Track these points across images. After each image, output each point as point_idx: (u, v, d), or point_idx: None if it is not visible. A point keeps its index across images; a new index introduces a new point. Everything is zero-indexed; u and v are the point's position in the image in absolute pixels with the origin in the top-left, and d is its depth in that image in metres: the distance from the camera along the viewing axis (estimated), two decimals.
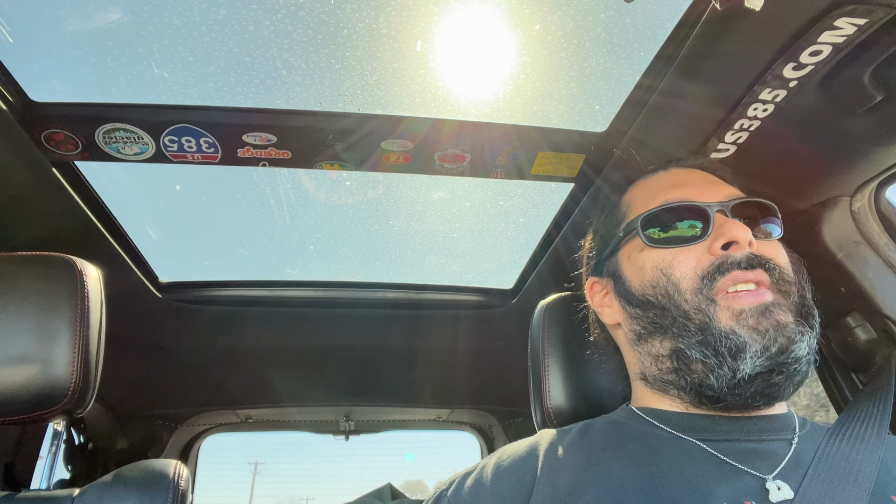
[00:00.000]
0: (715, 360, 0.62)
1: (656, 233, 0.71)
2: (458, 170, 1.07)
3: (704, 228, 0.69)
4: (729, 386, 0.62)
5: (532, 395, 0.93)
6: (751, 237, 0.67)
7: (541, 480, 0.65)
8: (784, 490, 0.58)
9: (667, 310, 0.67)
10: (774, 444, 0.64)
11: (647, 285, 0.70)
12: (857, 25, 0.66)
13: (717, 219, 0.69)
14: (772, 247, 0.70)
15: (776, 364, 0.61)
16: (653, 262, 0.70)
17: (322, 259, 1.65)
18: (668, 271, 0.68)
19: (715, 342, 0.62)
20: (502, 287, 1.66)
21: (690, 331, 0.65)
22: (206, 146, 0.98)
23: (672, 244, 0.70)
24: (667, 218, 0.71)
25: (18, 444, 1.38)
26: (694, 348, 0.64)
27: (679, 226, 0.70)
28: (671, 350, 0.68)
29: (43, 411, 0.80)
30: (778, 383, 0.62)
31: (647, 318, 0.70)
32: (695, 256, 0.68)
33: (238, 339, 1.72)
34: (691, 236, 0.69)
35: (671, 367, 0.68)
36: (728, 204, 0.70)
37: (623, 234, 0.76)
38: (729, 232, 0.66)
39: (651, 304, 0.69)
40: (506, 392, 2.06)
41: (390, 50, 0.96)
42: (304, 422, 2.34)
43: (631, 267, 0.74)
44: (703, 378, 0.64)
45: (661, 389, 0.70)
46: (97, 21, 0.93)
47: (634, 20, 0.90)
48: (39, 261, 0.85)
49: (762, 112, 0.81)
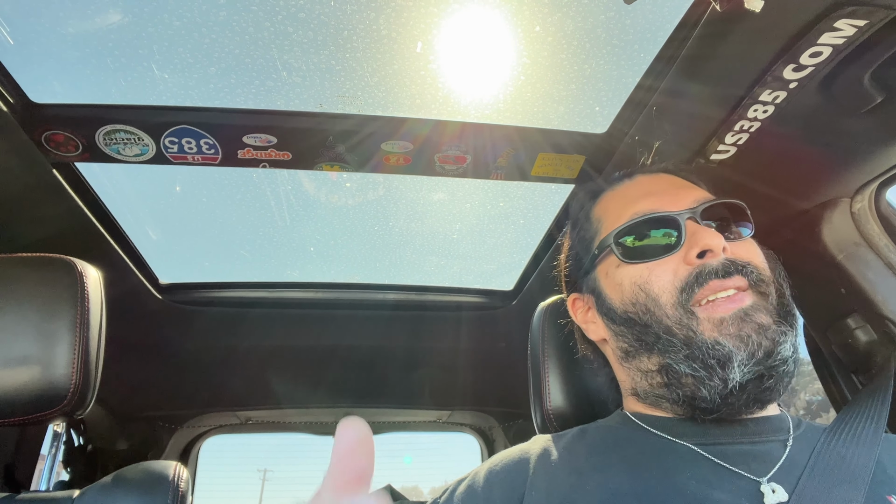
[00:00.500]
0: (705, 372, 0.62)
1: (630, 248, 0.71)
2: (459, 171, 1.07)
3: (678, 238, 0.68)
4: (721, 396, 0.62)
5: (532, 397, 0.93)
6: (724, 243, 0.66)
7: (532, 485, 0.65)
8: (779, 492, 0.57)
9: (649, 326, 0.67)
10: (769, 446, 0.64)
11: (627, 302, 0.70)
12: (857, 27, 0.66)
13: (689, 227, 0.68)
14: (746, 247, 0.69)
15: (765, 368, 0.61)
16: (630, 278, 0.69)
17: (322, 260, 1.66)
18: (647, 287, 0.67)
19: (702, 355, 0.62)
20: (503, 288, 1.66)
21: (676, 346, 0.64)
22: (207, 147, 0.98)
23: (647, 258, 0.69)
24: (638, 231, 0.70)
25: (18, 446, 1.38)
26: (682, 363, 0.64)
27: (652, 238, 0.70)
28: (660, 366, 0.67)
29: (43, 413, 0.80)
30: (769, 387, 0.62)
31: (632, 335, 0.70)
32: (671, 268, 0.67)
33: (238, 340, 1.71)
34: (665, 247, 0.68)
35: (661, 382, 0.67)
36: (697, 209, 0.69)
37: (598, 252, 0.75)
38: (702, 241, 0.66)
39: (633, 322, 0.69)
40: (506, 394, 2.06)
41: (391, 51, 0.96)
42: (305, 423, 2.34)
43: (609, 284, 0.73)
44: (694, 391, 0.64)
45: (654, 403, 0.70)
46: (98, 22, 0.93)
47: (634, 21, 0.90)
48: (40, 262, 0.85)
49: (762, 113, 0.81)
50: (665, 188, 0.76)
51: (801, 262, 1.04)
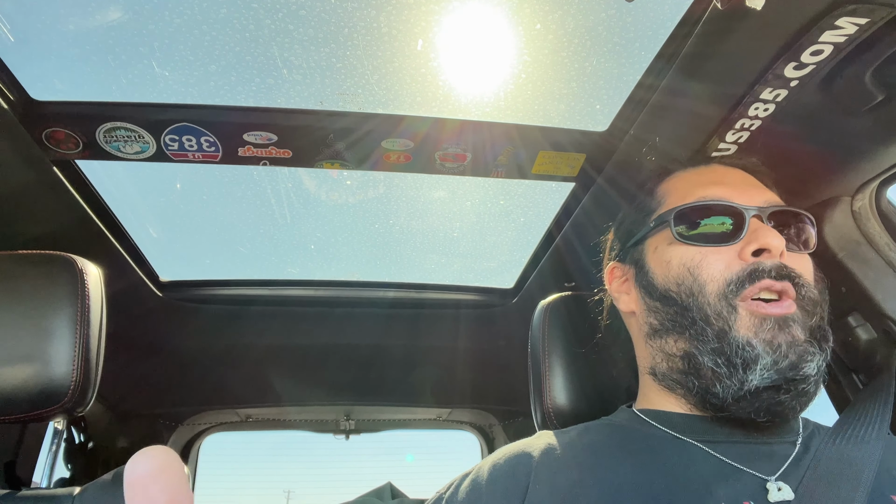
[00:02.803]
0: (726, 369, 0.62)
1: (687, 229, 0.69)
2: (459, 169, 1.07)
3: (738, 231, 0.67)
4: (734, 397, 0.62)
5: (532, 395, 0.93)
6: (784, 247, 0.65)
7: (536, 479, 0.65)
8: (784, 491, 0.58)
9: (688, 309, 0.66)
10: (778, 446, 0.64)
11: (671, 281, 0.69)
12: (858, 25, 0.66)
13: (752, 223, 0.67)
14: (802, 261, 0.69)
15: (784, 380, 0.60)
16: (680, 258, 0.69)
17: (322, 258, 1.65)
18: (696, 271, 0.67)
19: (730, 351, 0.62)
20: (503, 286, 1.66)
21: (707, 336, 0.64)
22: (207, 145, 0.98)
23: (702, 242, 0.68)
24: (701, 215, 0.69)
25: (19, 443, 1.38)
26: (707, 355, 0.63)
27: (712, 225, 0.68)
28: (684, 352, 0.67)
29: (43, 410, 0.80)
30: (784, 402, 0.61)
31: (665, 313, 0.69)
32: (724, 259, 0.66)
33: (239, 338, 1.72)
34: (723, 237, 0.67)
35: (681, 368, 0.67)
36: (766, 210, 0.68)
37: (654, 225, 0.74)
38: (763, 238, 0.65)
39: (672, 301, 0.68)
40: (506, 391, 2.06)
41: (391, 49, 0.96)
42: (305, 421, 2.34)
43: (656, 259, 0.72)
44: (709, 385, 0.63)
45: (668, 387, 0.70)
46: (98, 20, 0.93)
47: (635, 19, 0.90)
48: (40, 260, 0.85)
49: (763, 111, 0.81)
50: (738, 182, 0.74)
51: None
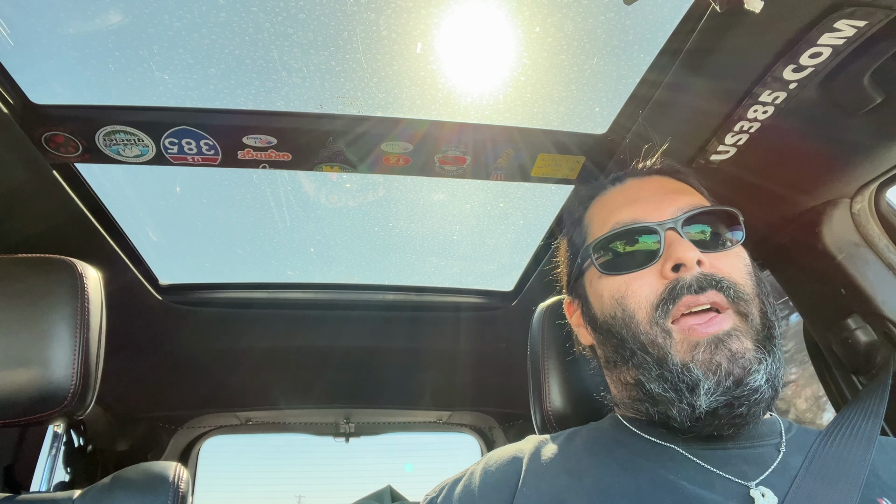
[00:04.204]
0: (675, 394, 0.61)
1: (608, 260, 0.69)
2: (459, 172, 1.07)
3: (656, 251, 0.66)
4: (691, 420, 0.61)
5: (532, 398, 0.93)
6: (699, 256, 0.64)
7: (525, 483, 0.65)
8: (768, 496, 0.57)
9: (625, 340, 0.66)
10: (761, 450, 0.63)
11: (606, 314, 0.69)
12: (856, 27, 0.66)
13: (668, 237, 0.66)
14: (728, 260, 0.66)
15: (733, 397, 0.59)
16: (609, 290, 0.68)
17: (322, 261, 1.65)
18: (623, 301, 0.66)
19: (673, 378, 0.61)
20: (503, 289, 1.66)
21: (649, 363, 0.63)
22: (207, 148, 0.98)
23: (625, 270, 0.67)
24: (617, 243, 0.69)
25: (18, 447, 1.38)
26: (654, 382, 0.63)
27: (631, 250, 0.68)
28: (636, 380, 0.66)
29: (43, 413, 0.80)
30: (741, 413, 0.60)
31: (610, 345, 0.69)
32: (649, 282, 0.65)
33: (238, 340, 1.71)
34: (644, 258, 0.66)
35: (637, 396, 0.67)
36: (679, 219, 0.66)
37: (581, 261, 0.74)
38: (675, 254, 0.64)
39: (611, 334, 0.68)
40: (506, 394, 2.06)
41: (391, 52, 0.96)
42: (305, 424, 2.34)
43: (593, 293, 0.72)
44: (666, 410, 0.63)
45: (635, 413, 0.70)
46: (98, 23, 0.93)
47: (634, 22, 0.90)
48: (40, 263, 0.85)
49: (762, 114, 0.81)
50: (651, 195, 0.73)
51: (801, 263, 1.04)
